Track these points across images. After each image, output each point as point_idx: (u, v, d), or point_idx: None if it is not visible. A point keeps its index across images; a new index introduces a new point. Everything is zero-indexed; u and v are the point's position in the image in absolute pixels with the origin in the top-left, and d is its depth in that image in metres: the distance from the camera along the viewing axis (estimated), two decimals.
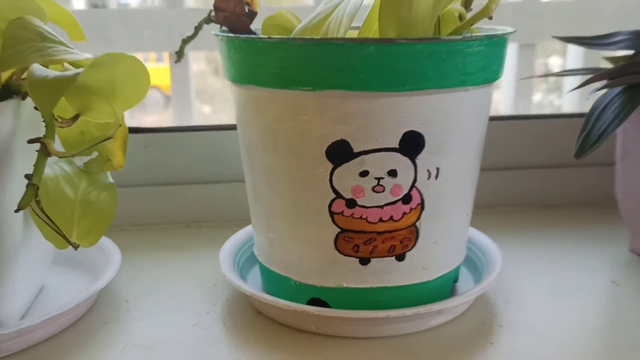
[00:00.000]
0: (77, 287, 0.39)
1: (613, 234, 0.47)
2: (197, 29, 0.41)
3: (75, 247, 0.30)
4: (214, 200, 0.52)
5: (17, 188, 0.28)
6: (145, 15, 0.63)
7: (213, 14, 0.40)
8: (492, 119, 0.37)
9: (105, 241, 0.41)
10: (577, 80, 0.42)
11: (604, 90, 0.38)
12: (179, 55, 0.42)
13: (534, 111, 0.67)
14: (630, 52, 0.40)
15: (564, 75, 0.45)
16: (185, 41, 0.41)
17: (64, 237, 0.29)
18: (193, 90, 0.66)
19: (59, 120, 0.30)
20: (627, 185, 0.43)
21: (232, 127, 0.50)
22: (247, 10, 0.39)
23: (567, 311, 0.37)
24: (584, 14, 0.65)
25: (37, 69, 0.28)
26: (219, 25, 0.39)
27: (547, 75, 0.67)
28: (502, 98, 0.68)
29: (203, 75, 1.77)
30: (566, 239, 0.47)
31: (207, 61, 1.69)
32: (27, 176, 0.28)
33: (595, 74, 0.38)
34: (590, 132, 0.36)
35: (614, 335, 0.35)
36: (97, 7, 0.70)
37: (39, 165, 0.28)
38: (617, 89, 0.37)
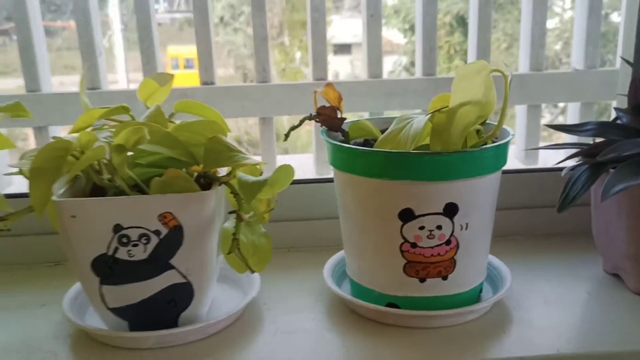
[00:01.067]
0: (231, 297, 0.60)
1: (590, 258, 0.66)
2: (301, 121, 0.62)
3: (252, 271, 0.52)
4: (309, 232, 0.73)
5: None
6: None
7: (314, 114, 0.61)
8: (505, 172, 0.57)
9: None
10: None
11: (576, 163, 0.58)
12: (286, 136, 0.61)
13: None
14: (597, 138, 0.60)
15: (551, 148, 0.64)
16: (292, 129, 0.61)
17: (247, 265, 0.51)
18: None
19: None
20: (598, 226, 0.62)
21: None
22: (339, 115, 0.60)
23: (555, 312, 0.57)
24: (578, 82, 0.84)
25: (242, 175, 0.49)
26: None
27: (540, 148, 0.86)
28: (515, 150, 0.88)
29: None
30: (555, 261, 0.67)
31: None
32: (233, 234, 0.49)
33: (571, 155, 0.58)
34: (567, 195, 0.56)
35: (588, 328, 0.54)
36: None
37: (237, 226, 0.50)
38: (584, 166, 0.57)
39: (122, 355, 0.52)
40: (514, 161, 0.89)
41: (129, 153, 0.50)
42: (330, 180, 0.69)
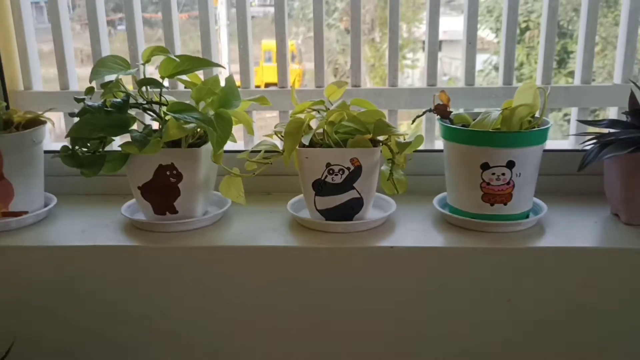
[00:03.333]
0: (380, 213, 1.03)
1: (603, 206, 1.04)
2: (424, 112, 1.04)
3: (398, 192, 0.94)
4: (425, 181, 1.14)
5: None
6: None
7: (433, 108, 1.03)
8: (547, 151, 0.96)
9: None
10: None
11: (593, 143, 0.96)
12: (413, 121, 1.04)
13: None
14: (611, 129, 0.98)
15: (581, 135, 1.03)
16: (417, 117, 1.04)
17: (395, 188, 0.94)
18: None
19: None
20: (606, 184, 1.01)
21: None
22: (448, 110, 1.02)
23: (573, 230, 0.96)
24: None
25: (397, 139, 0.92)
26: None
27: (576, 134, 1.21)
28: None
29: None
30: (579, 206, 1.05)
31: None
32: (390, 172, 0.92)
33: (589, 138, 0.97)
34: (585, 161, 0.95)
35: (592, 237, 0.93)
36: None
37: (392, 167, 0.93)
38: (596, 145, 0.96)
39: (320, 235, 0.96)
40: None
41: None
42: (435, 151, 1.11)
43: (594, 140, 0.97)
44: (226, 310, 0.95)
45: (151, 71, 0.97)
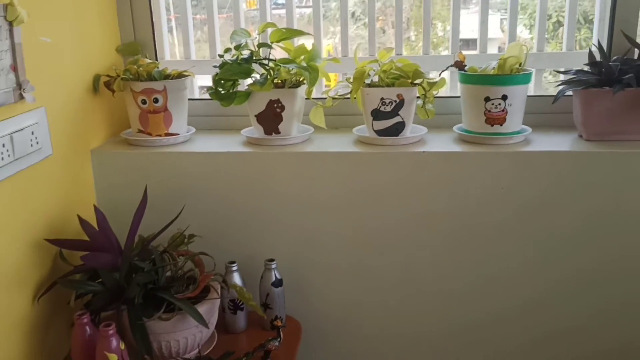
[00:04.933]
0: (417, 133, 1.51)
1: (573, 130, 1.50)
2: (447, 67, 1.51)
3: (428, 117, 1.42)
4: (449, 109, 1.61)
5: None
6: None
7: (453, 65, 1.50)
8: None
9: None
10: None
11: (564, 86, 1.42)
12: (440, 74, 1.52)
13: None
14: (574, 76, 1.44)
15: (560, 82, 1.49)
16: (444, 70, 1.51)
17: (427, 115, 1.42)
18: None
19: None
20: (574, 113, 1.46)
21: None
22: (464, 65, 1.49)
23: (550, 143, 1.42)
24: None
25: (428, 81, 1.40)
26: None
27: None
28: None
29: None
30: (555, 130, 1.51)
31: None
32: (423, 103, 1.40)
33: (561, 82, 1.43)
34: (556, 96, 1.41)
35: (563, 145, 1.39)
36: None
37: (424, 101, 1.41)
38: (565, 86, 1.42)
39: (376, 147, 1.43)
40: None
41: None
42: (454, 97, 1.58)
43: (564, 84, 1.43)
44: (310, 199, 1.44)
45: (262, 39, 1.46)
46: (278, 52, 1.49)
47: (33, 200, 1.19)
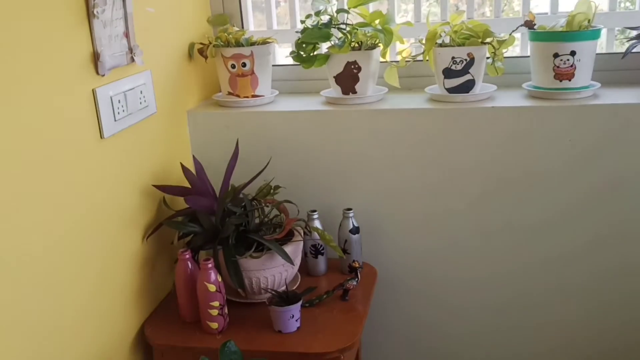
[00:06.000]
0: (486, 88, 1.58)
1: None
2: (518, 27, 1.57)
3: (498, 74, 1.49)
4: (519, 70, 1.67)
5: None
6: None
7: (523, 24, 1.56)
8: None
9: None
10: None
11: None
12: (510, 35, 1.58)
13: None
14: None
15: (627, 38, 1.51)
16: (514, 30, 1.57)
17: (496, 71, 1.49)
18: None
19: None
20: None
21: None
22: (534, 23, 1.54)
23: (618, 98, 1.45)
24: None
25: (497, 38, 1.47)
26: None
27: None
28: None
29: None
30: (625, 86, 1.53)
31: None
32: (493, 60, 1.48)
33: (633, 37, 1.46)
34: (627, 51, 1.45)
35: (633, 100, 1.43)
36: None
37: (493, 58, 1.48)
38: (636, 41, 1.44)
39: (447, 104, 1.52)
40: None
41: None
42: (524, 56, 1.63)
43: (634, 40, 1.46)
44: (384, 154, 1.54)
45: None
46: (355, 18, 1.59)
47: (142, 152, 1.36)
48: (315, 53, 1.57)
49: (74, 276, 1.13)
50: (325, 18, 1.55)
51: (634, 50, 1.45)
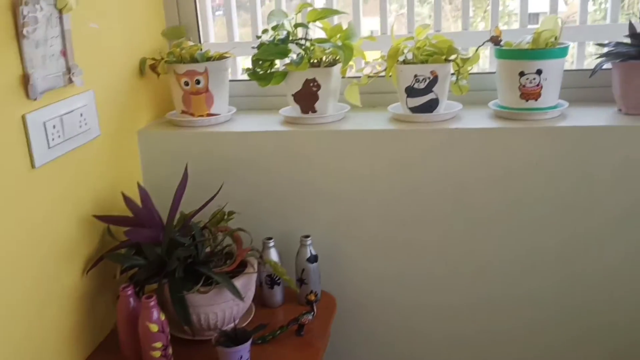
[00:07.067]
0: (449, 106, 1.52)
1: (613, 104, 1.46)
2: (485, 42, 1.50)
3: (462, 93, 1.43)
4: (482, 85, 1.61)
5: None
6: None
7: (489, 40, 1.49)
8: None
9: None
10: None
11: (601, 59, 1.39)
12: (476, 50, 1.51)
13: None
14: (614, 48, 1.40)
15: (598, 54, 1.45)
16: (480, 45, 1.51)
17: (461, 90, 1.42)
18: None
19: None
20: (613, 86, 1.43)
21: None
22: (500, 40, 1.48)
23: (588, 117, 1.40)
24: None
25: (461, 56, 1.40)
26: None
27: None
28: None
29: None
30: (594, 103, 1.48)
31: None
32: (457, 79, 1.41)
33: (600, 55, 1.40)
34: (594, 69, 1.39)
35: (600, 120, 1.37)
36: None
37: (457, 77, 1.41)
38: (603, 59, 1.39)
39: (410, 124, 1.45)
40: None
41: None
42: (490, 73, 1.56)
43: (602, 57, 1.40)
44: (345, 176, 1.47)
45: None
46: (319, 32, 1.52)
47: (83, 179, 1.28)
48: (272, 70, 1.49)
49: (5, 315, 1.04)
50: (283, 33, 1.47)
51: (603, 67, 1.39)
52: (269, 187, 1.51)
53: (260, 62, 1.48)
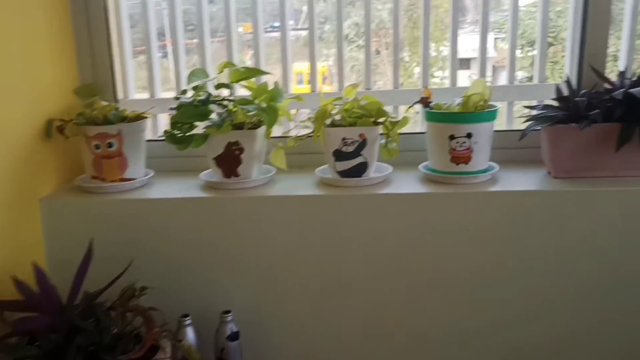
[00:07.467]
0: (380, 171, 1.45)
1: (542, 166, 1.44)
2: (414, 103, 1.46)
3: (391, 157, 1.37)
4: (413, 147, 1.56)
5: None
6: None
7: (418, 101, 1.46)
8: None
9: None
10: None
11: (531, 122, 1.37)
12: (408, 108, 1.47)
13: None
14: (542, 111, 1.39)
15: (525, 116, 1.44)
16: (411, 106, 1.47)
17: (390, 154, 1.36)
18: None
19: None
20: (542, 149, 1.41)
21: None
22: (430, 102, 1.44)
23: (519, 180, 1.36)
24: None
25: (390, 119, 1.35)
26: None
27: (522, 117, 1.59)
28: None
29: None
30: (523, 165, 1.45)
31: None
32: (386, 143, 1.35)
33: (528, 118, 1.38)
34: (523, 133, 1.36)
35: (532, 184, 1.33)
36: None
37: (387, 140, 1.35)
38: (531, 122, 1.36)
39: (339, 189, 1.38)
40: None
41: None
42: (421, 133, 1.52)
43: (531, 120, 1.38)
44: (270, 245, 1.38)
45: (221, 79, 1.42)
46: (243, 91, 1.44)
47: None
48: (192, 132, 1.39)
49: None
50: (204, 94, 1.38)
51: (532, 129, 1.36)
52: (187, 258, 1.39)
53: (180, 125, 1.38)
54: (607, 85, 1.37)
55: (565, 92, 1.39)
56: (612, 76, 1.41)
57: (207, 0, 1.60)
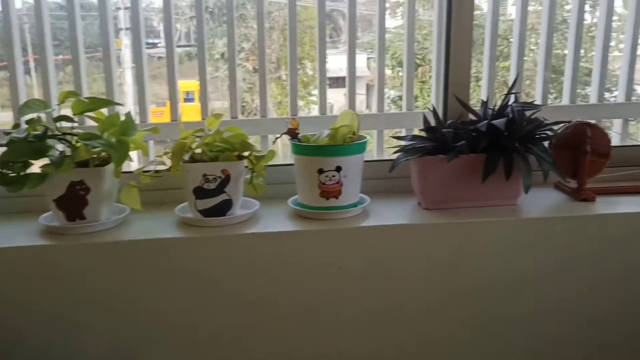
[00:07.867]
0: (248, 208, 1.35)
1: (413, 198, 1.41)
2: (282, 134, 1.38)
3: (257, 194, 1.27)
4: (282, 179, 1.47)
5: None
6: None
7: (285, 132, 1.37)
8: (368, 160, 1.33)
9: None
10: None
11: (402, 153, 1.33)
12: (274, 142, 1.38)
13: None
14: (411, 142, 1.36)
15: (395, 147, 1.40)
16: (277, 138, 1.38)
17: (256, 191, 1.26)
18: None
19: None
20: (412, 181, 1.38)
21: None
22: (297, 133, 1.36)
23: (390, 214, 1.31)
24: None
25: (255, 154, 1.25)
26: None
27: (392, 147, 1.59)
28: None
29: None
30: (393, 197, 1.42)
31: None
32: (251, 178, 1.25)
33: (399, 149, 1.34)
34: (393, 165, 1.32)
35: (403, 218, 1.29)
36: None
37: (252, 175, 1.25)
38: (401, 153, 1.33)
39: (201, 229, 1.26)
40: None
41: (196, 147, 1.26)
42: (291, 164, 1.44)
43: (399, 152, 1.35)
44: (122, 299, 1.23)
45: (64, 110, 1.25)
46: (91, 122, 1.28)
47: None
48: (27, 172, 1.21)
49: None
50: (40, 128, 1.21)
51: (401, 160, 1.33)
52: (22, 317, 1.20)
53: (11, 163, 1.19)
54: (471, 116, 1.37)
55: (433, 121, 1.37)
56: (477, 97, 1.42)
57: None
